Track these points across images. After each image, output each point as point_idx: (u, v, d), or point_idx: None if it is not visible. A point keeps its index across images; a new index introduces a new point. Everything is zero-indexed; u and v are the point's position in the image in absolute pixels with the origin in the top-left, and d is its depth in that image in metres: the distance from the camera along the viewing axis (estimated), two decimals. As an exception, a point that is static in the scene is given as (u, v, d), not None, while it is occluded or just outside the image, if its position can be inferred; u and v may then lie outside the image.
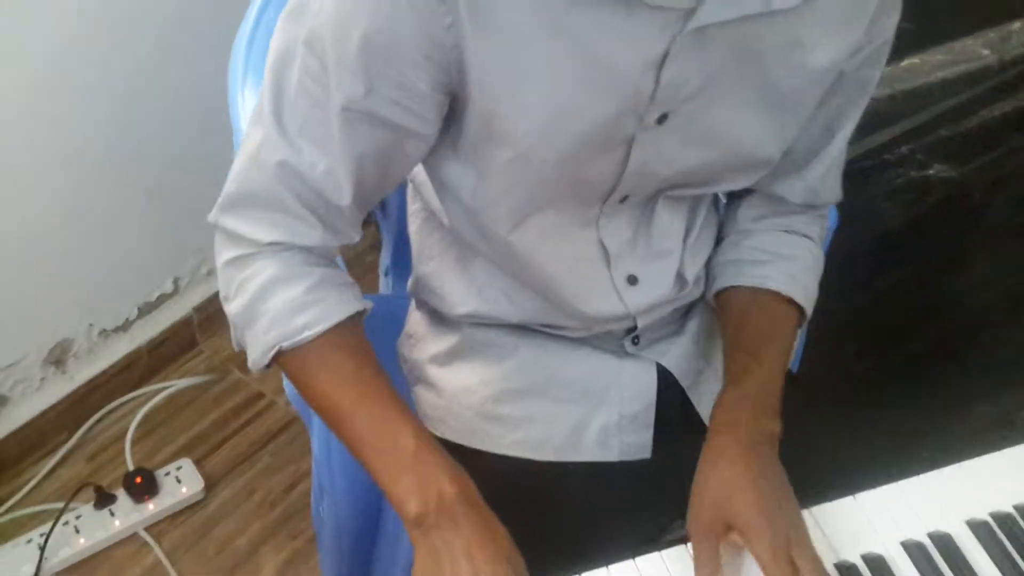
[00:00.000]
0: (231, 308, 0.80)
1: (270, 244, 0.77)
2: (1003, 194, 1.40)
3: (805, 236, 0.95)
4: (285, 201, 0.76)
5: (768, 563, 0.72)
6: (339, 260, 0.94)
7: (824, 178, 0.92)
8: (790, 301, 0.90)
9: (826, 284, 1.06)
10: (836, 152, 0.90)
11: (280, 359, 0.79)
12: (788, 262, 0.92)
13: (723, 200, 1.00)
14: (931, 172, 1.32)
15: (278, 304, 0.77)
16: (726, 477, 0.77)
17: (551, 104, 0.72)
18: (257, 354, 0.79)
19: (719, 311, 0.94)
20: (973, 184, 1.36)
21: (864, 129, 0.92)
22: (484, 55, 0.69)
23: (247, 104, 0.97)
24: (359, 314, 0.81)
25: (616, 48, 0.70)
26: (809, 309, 0.92)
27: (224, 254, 0.80)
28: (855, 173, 0.96)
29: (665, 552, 0.78)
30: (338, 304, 0.78)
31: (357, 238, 0.82)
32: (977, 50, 1.31)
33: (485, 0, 0.66)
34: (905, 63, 1.31)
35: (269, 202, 0.77)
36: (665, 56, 0.70)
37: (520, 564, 0.73)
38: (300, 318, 0.77)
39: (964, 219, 1.41)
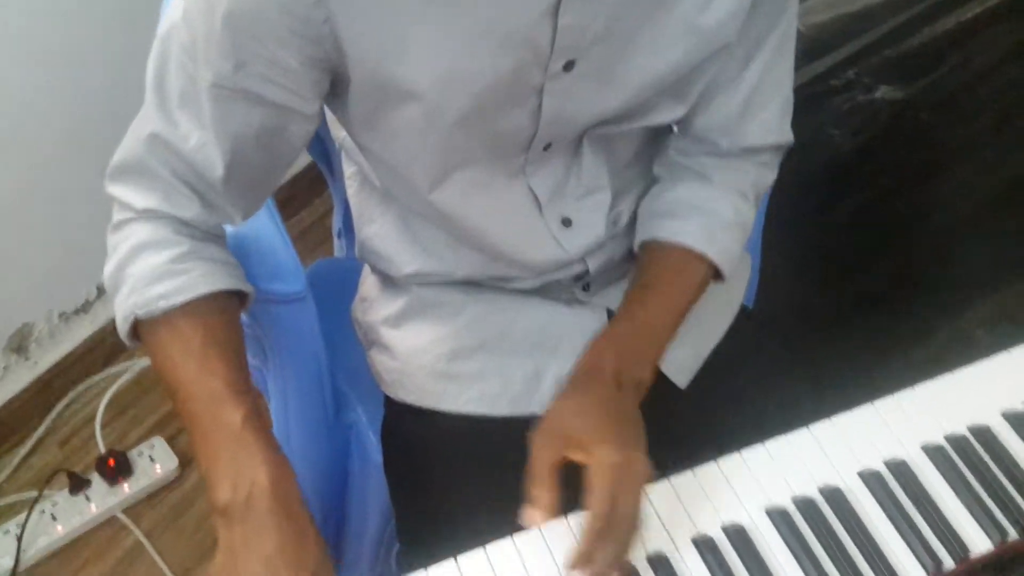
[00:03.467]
0: (104, 272, 0.78)
1: (145, 210, 0.76)
2: (950, 112, 1.40)
3: (737, 190, 0.90)
4: (158, 171, 0.75)
5: (600, 482, 0.70)
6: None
7: (743, 114, 0.87)
8: (702, 257, 0.87)
9: (779, 215, 1.06)
10: (754, 82, 0.85)
11: (139, 329, 0.76)
12: (707, 217, 0.88)
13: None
14: (878, 94, 1.31)
15: (141, 270, 0.74)
16: (580, 406, 0.77)
17: (442, 66, 0.70)
18: (119, 320, 0.76)
19: (636, 264, 0.92)
20: (921, 104, 1.35)
21: (807, 55, 0.91)
22: (360, 26, 0.67)
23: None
24: (231, 295, 0.77)
25: (504, 2, 0.68)
26: (726, 267, 0.88)
27: (112, 220, 0.79)
28: (801, 101, 0.95)
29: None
30: (200, 278, 0.74)
31: (239, 219, 0.80)
32: (917, -32, 1.30)
33: None
34: (847, -15, 1.29)
35: (145, 171, 0.76)
36: (559, 3, 0.69)
37: (329, 571, 0.69)
38: (157, 287, 0.73)
39: (914, 140, 1.40)
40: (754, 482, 0.78)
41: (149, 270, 0.74)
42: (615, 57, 0.75)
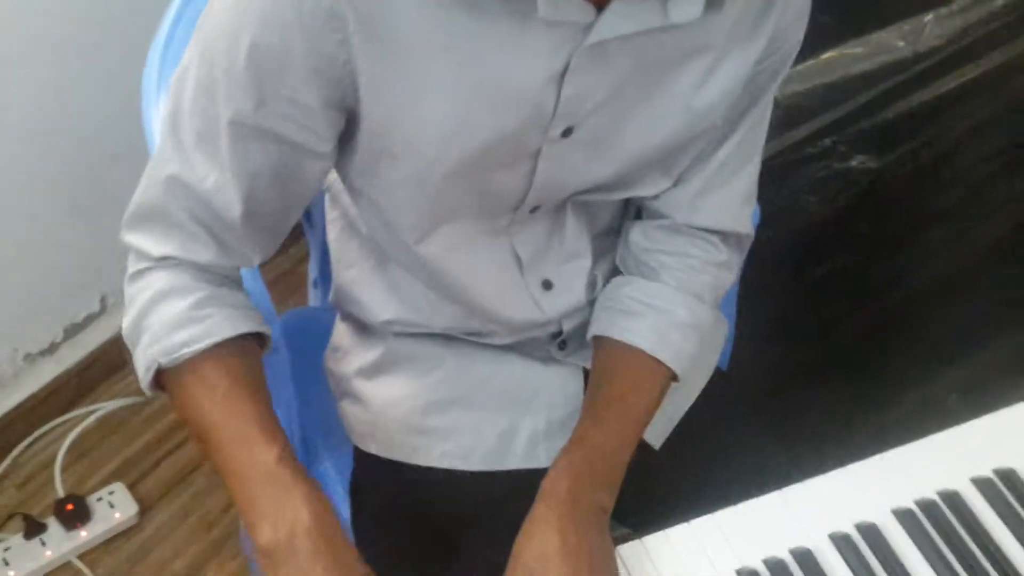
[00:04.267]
0: (123, 325, 0.77)
1: (163, 258, 0.75)
2: (923, 183, 1.43)
3: (692, 292, 0.89)
4: (176, 215, 0.74)
5: None
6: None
7: (702, 191, 0.87)
8: (657, 360, 0.85)
9: (755, 279, 1.07)
10: (722, 159, 0.86)
11: (161, 378, 0.76)
12: (661, 316, 0.87)
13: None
14: (853, 163, 1.34)
15: (161, 319, 0.74)
16: (541, 551, 0.74)
17: (449, 119, 0.71)
18: (141, 371, 0.75)
19: (592, 357, 0.91)
20: (895, 174, 1.38)
21: (786, 123, 0.92)
22: (377, 71, 0.68)
23: (161, 114, 0.95)
24: (252, 337, 0.78)
25: (514, 64, 0.69)
26: (678, 368, 0.86)
27: (128, 270, 0.78)
28: (778, 168, 0.97)
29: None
30: (223, 322, 0.75)
31: (257, 261, 0.80)
32: (893, 42, 1.33)
33: (377, 16, 0.65)
34: (825, 56, 1.33)
35: (162, 216, 0.75)
36: (565, 71, 0.70)
37: None
38: (181, 334, 0.73)
39: (888, 209, 1.43)
40: (725, 543, 0.79)
41: (170, 318, 0.74)
42: (611, 128, 0.76)
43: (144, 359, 0.75)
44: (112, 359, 1.80)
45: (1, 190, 1.52)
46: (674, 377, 0.87)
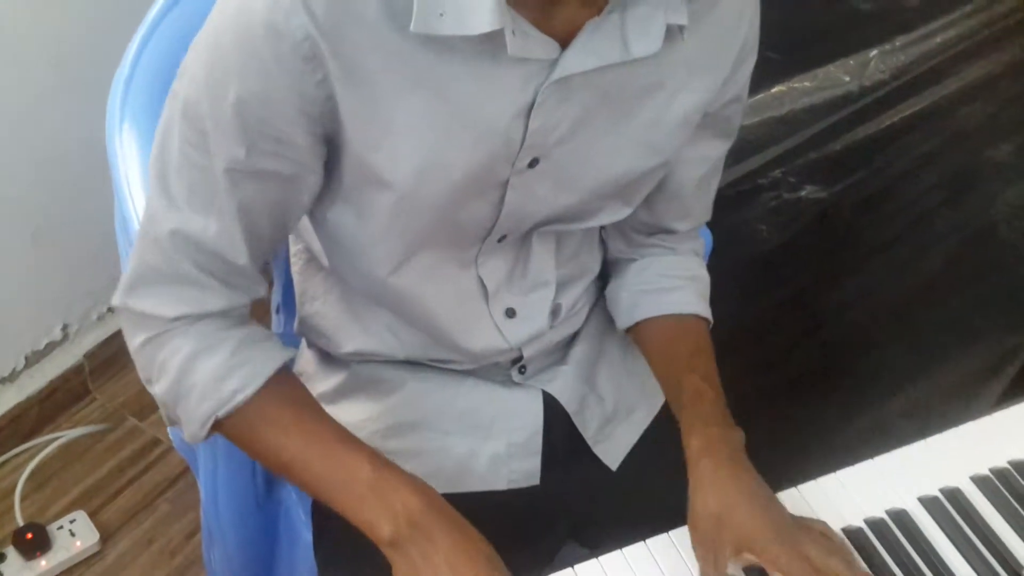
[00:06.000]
0: (157, 390, 0.79)
1: (178, 318, 0.77)
2: (871, 212, 1.47)
3: (694, 252, 1.00)
4: (183, 270, 0.76)
5: (792, 569, 0.75)
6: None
7: (697, 198, 0.95)
8: (702, 319, 0.96)
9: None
10: (704, 173, 0.93)
11: (218, 427, 0.79)
12: (695, 283, 0.97)
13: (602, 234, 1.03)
14: (803, 194, 1.38)
15: (204, 376, 0.76)
16: (720, 501, 0.79)
17: (421, 155, 0.73)
18: (195, 427, 0.78)
19: (640, 341, 0.97)
20: (843, 204, 1.42)
21: (737, 155, 0.96)
22: (354, 107, 0.70)
23: (124, 143, 0.96)
24: (286, 364, 0.81)
25: (482, 99, 0.72)
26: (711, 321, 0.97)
27: (136, 337, 0.79)
28: (731, 198, 1.00)
29: (555, 576, 0.79)
30: (263, 362, 0.78)
31: (263, 291, 0.82)
32: (839, 76, 1.37)
33: (350, 56, 0.68)
34: (774, 90, 1.36)
35: (169, 275, 0.76)
36: (532, 105, 0.73)
37: (499, 562, 0.75)
38: (229, 384, 0.76)
39: (836, 238, 1.47)
40: (681, 562, 0.80)
41: (213, 372, 0.76)
42: (575, 159, 0.79)
43: (198, 415, 0.77)
44: (73, 387, 1.80)
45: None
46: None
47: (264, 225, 0.77)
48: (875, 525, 0.84)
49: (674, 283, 0.96)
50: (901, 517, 0.85)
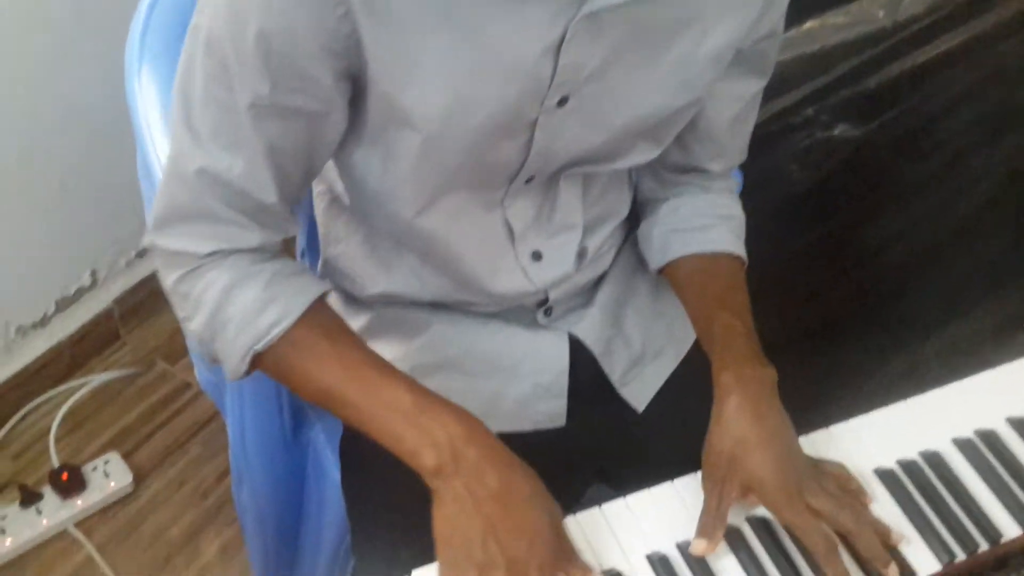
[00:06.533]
0: (193, 326, 0.79)
1: (211, 254, 0.76)
2: (906, 151, 1.43)
3: (729, 190, 0.98)
4: (212, 208, 0.75)
5: (793, 520, 0.75)
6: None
7: (731, 137, 0.94)
8: (736, 257, 0.95)
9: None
10: (738, 112, 0.91)
11: (258, 362, 0.79)
12: (730, 221, 0.95)
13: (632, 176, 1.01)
14: (836, 132, 1.35)
15: (240, 309, 0.76)
16: (737, 436, 0.79)
17: (449, 93, 0.72)
18: (234, 362, 0.78)
19: (673, 280, 0.96)
20: (876, 142, 1.39)
21: (768, 93, 0.94)
22: (379, 44, 0.69)
23: (143, 88, 0.96)
24: (321, 296, 0.80)
25: (511, 36, 0.70)
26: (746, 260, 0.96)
27: (169, 276, 0.79)
28: (761, 138, 0.98)
29: (580, 516, 0.79)
30: (299, 294, 0.78)
31: (295, 230, 0.82)
32: (873, 12, 1.33)
33: None
34: (806, 26, 1.33)
35: (198, 213, 0.76)
36: (561, 41, 0.71)
37: (543, 488, 0.75)
38: (265, 317, 0.76)
39: (870, 176, 1.44)
40: (706, 502, 0.79)
41: (249, 306, 0.76)
42: (605, 96, 0.78)
43: (236, 349, 0.77)
44: (104, 332, 1.82)
45: (-6, 165, 1.52)
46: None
47: (291, 163, 0.76)
48: (908, 466, 0.83)
49: (708, 221, 0.95)
50: (935, 458, 0.84)
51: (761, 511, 0.80)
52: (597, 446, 0.98)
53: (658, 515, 0.80)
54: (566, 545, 0.75)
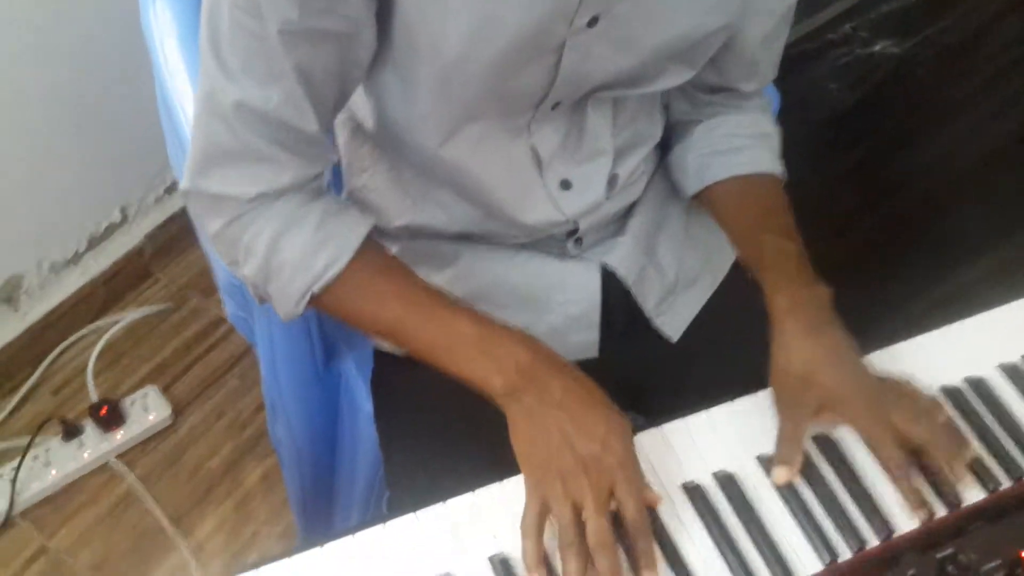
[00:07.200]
0: (245, 271, 0.79)
1: (258, 196, 0.76)
2: (948, 68, 1.38)
3: (762, 108, 0.96)
4: (254, 145, 0.74)
5: (873, 432, 0.75)
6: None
7: (763, 55, 0.90)
8: (775, 176, 0.93)
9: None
10: (770, 28, 0.88)
11: (314, 302, 0.79)
12: (766, 139, 0.94)
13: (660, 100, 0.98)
14: (876, 49, 1.30)
15: (293, 253, 0.76)
16: (805, 360, 0.78)
17: (474, 15, 0.70)
18: (290, 305, 0.79)
19: (711, 205, 0.94)
20: (918, 59, 1.34)
21: (804, 9, 0.89)
22: None
23: (159, 18, 0.94)
24: (369, 232, 0.80)
25: None
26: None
27: (213, 222, 0.78)
28: (798, 56, 0.94)
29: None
30: (349, 232, 0.78)
31: (335, 158, 0.81)
32: (915, -78, 1.28)
33: None
34: (845, -62, 1.28)
35: (239, 152, 0.74)
36: None
37: (610, 401, 0.76)
38: (320, 259, 0.77)
39: (911, 95, 1.39)
40: (747, 430, 0.79)
41: (301, 249, 0.76)
42: (637, 16, 0.75)
43: (292, 292, 0.78)
44: (137, 269, 1.83)
45: (17, 106, 1.51)
46: None
47: (326, 88, 0.74)
48: (952, 393, 0.82)
49: (744, 142, 0.93)
50: (980, 385, 0.82)
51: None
52: (630, 376, 0.97)
53: (690, 444, 0.79)
54: (634, 453, 0.75)
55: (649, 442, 0.79)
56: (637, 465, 0.74)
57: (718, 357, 0.94)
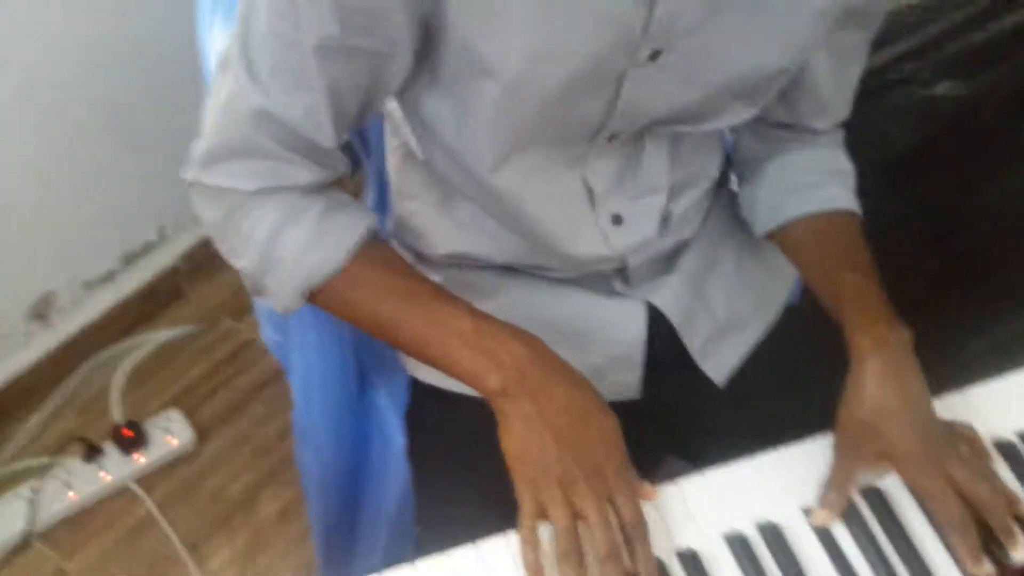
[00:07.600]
0: (242, 263, 0.78)
1: (258, 190, 0.74)
2: (1013, 112, 1.35)
3: (836, 142, 0.93)
4: (265, 147, 0.73)
5: (931, 489, 0.73)
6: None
7: (835, 92, 0.88)
8: (853, 213, 0.90)
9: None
10: (841, 64, 0.86)
11: (312, 297, 0.78)
12: (841, 176, 0.91)
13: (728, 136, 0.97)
14: (938, 91, 1.27)
15: (292, 246, 0.75)
16: (876, 403, 0.76)
17: (535, 41, 0.68)
18: (287, 300, 0.78)
19: (786, 243, 0.92)
20: (982, 102, 1.31)
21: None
22: None
23: (216, 43, 0.93)
24: (372, 227, 0.79)
25: None
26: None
27: (212, 210, 0.77)
28: (857, 96, 0.92)
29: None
30: (349, 228, 0.77)
31: (345, 167, 0.80)
32: (980, -40, 1.25)
33: None
34: (908, -24, 1.25)
35: (249, 151, 0.73)
36: None
37: (607, 406, 0.74)
38: (319, 253, 0.75)
39: (974, 139, 1.35)
40: (793, 479, 0.77)
41: (300, 243, 0.75)
42: (701, 53, 0.73)
43: (290, 287, 0.77)
44: (170, 288, 1.82)
45: (58, 119, 1.52)
46: None
47: (349, 105, 0.73)
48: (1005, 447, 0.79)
49: (820, 178, 0.90)
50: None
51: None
52: (671, 419, 0.94)
53: (736, 491, 0.76)
54: (628, 456, 0.74)
55: (691, 488, 0.76)
56: (632, 469, 0.73)
57: (763, 402, 0.91)
